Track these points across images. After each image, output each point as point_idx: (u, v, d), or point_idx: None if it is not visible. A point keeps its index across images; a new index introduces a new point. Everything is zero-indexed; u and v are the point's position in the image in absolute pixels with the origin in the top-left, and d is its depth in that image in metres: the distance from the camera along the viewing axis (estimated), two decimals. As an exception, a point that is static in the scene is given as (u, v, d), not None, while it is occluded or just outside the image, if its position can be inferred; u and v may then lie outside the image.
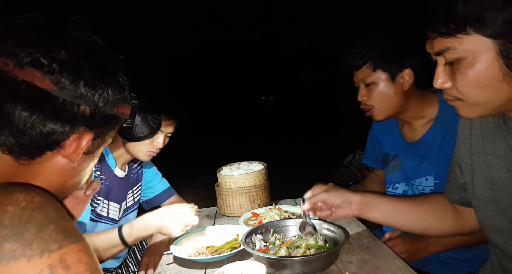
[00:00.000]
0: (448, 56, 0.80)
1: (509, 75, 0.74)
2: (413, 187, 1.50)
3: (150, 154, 1.60)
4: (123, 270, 1.79)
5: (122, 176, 1.63)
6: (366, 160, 1.85)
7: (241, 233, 1.29)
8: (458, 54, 0.78)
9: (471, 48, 0.76)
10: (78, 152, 0.62)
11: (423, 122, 1.47)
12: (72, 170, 0.65)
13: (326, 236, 1.21)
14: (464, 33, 0.75)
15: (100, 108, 0.61)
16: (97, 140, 0.66)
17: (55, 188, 0.64)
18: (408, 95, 1.40)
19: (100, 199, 1.53)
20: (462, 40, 0.76)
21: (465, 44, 0.76)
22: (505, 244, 0.94)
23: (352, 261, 1.15)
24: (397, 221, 1.17)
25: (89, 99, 0.59)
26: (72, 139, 0.60)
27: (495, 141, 0.91)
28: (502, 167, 0.89)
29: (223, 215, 1.77)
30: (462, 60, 0.78)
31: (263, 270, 0.95)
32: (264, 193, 1.76)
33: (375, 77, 1.39)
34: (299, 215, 1.56)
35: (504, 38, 0.72)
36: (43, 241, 0.48)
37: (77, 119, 0.59)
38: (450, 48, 0.78)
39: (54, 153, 0.60)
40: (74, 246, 0.51)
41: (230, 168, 1.90)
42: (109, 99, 0.62)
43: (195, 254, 1.28)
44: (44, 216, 0.50)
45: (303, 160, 7.37)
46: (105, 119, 0.63)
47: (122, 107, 0.66)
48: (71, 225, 0.54)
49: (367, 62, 1.38)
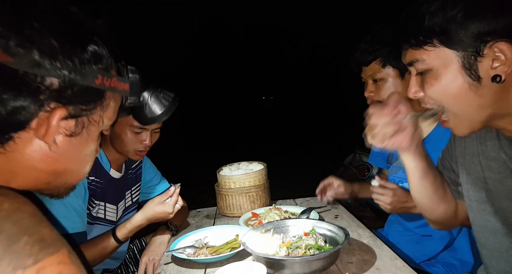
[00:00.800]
0: (418, 67, 0.84)
1: (474, 85, 0.77)
2: None
3: (138, 153, 1.54)
4: (123, 270, 1.79)
5: (118, 176, 1.62)
6: (373, 159, 1.79)
7: (241, 233, 1.29)
8: (426, 66, 0.82)
9: (438, 60, 0.80)
10: (50, 131, 0.54)
11: (428, 122, 1.46)
12: (58, 155, 0.58)
13: (326, 236, 1.21)
14: (431, 45, 0.79)
15: (71, 80, 0.53)
16: (80, 119, 0.58)
17: (45, 179, 0.59)
18: None
19: (97, 203, 1.52)
20: (429, 52, 0.80)
21: (432, 56, 0.80)
22: (499, 244, 0.94)
23: (352, 261, 1.14)
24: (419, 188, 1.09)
25: (49, 68, 0.51)
26: (42, 117, 0.53)
27: (487, 142, 0.93)
28: (493, 168, 0.90)
29: (223, 215, 1.77)
30: (430, 71, 0.82)
31: (263, 271, 0.95)
32: (264, 193, 1.76)
33: (384, 73, 1.39)
34: (299, 215, 1.56)
35: (466, 51, 0.75)
36: (15, 256, 0.42)
37: (42, 93, 0.52)
38: (419, 59, 0.82)
39: (26, 136, 0.54)
40: (52, 258, 0.45)
41: (230, 168, 1.90)
42: (78, 68, 0.54)
43: (195, 254, 1.28)
44: (15, 225, 0.44)
45: (303, 160, 7.37)
46: (83, 93, 0.56)
47: (109, 80, 0.59)
48: (49, 232, 0.47)
49: (376, 58, 1.38)
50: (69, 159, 0.60)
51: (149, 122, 1.42)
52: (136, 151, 1.53)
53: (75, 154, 0.61)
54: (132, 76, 0.66)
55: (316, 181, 1.64)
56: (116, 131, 1.50)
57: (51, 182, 0.60)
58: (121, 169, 1.66)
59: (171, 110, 1.41)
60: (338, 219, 1.56)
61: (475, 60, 0.75)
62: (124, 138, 1.50)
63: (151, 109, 1.37)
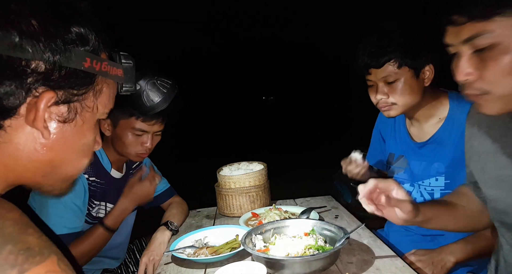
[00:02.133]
0: (480, 42, 0.72)
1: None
2: (420, 187, 1.49)
3: (139, 156, 1.55)
4: (123, 270, 1.79)
5: (119, 176, 1.62)
6: (371, 160, 1.76)
7: (241, 233, 1.29)
8: (493, 39, 0.70)
9: (508, 32, 0.69)
10: (39, 115, 0.53)
11: (433, 123, 1.45)
12: (53, 143, 0.56)
13: (326, 236, 1.21)
14: (502, 14, 0.68)
15: (56, 63, 0.52)
16: (73, 105, 0.57)
17: (42, 171, 0.57)
18: (424, 93, 1.37)
19: (97, 203, 1.52)
20: (499, 23, 0.68)
21: (502, 28, 0.69)
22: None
23: (352, 261, 1.14)
24: (435, 227, 1.12)
25: (31, 51, 0.50)
26: (30, 102, 0.52)
27: (503, 139, 0.91)
28: (510, 165, 0.88)
29: (223, 215, 1.77)
30: (496, 46, 0.71)
31: (263, 271, 0.95)
32: (264, 193, 1.76)
33: (400, 74, 1.32)
34: (299, 215, 1.56)
35: None
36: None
37: (28, 77, 0.51)
38: (485, 32, 0.70)
39: (17, 124, 0.53)
40: (39, 267, 0.43)
41: (230, 168, 1.90)
42: (62, 50, 0.52)
43: (195, 254, 1.28)
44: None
45: (303, 160, 7.36)
46: (72, 77, 0.54)
47: (99, 63, 0.57)
48: (36, 240, 0.45)
49: (391, 60, 1.31)
50: (65, 147, 0.58)
51: (148, 111, 1.39)
52: (137, 153, 1.54)
53: (71, 142, 0.59)
54: (126, 62, 0.65)
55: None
56: (117, 133, 1.51)
57: (47, 174, 0.59)
58: (122, 169, 1.66)
59: (170, 98, 1.38)
60: (338, 219, 1.56)
61: None
62: (125, 140, 1.50)
63: (149, 97, 1.34)
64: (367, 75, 1.41)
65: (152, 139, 1.54)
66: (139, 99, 1.34)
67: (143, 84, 1.33)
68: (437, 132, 1.43)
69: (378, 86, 1.38)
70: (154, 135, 1.56)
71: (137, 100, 1.35)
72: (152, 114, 1.44)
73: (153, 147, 1.58)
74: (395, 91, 1.35)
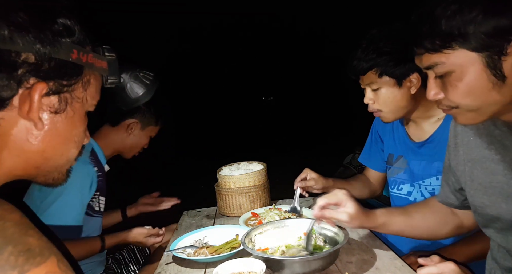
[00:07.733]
0: (437, 71, 0.81)
1: (498, 85, 0.76)
2: (420, 187, 1.49)
3: (135, 155, 1.75)
4: (123, 270, 1.79)
5: (107, 170, 1.71)
6: (368, 160, 1.76)
7: (241, 233, 1.29)
8: (446, 68, 0.79)
9: (459, 62, 0.77)
10: (33, 106, 0.54)
11: (431, 122, 1.45)
12: (45, 134, 0.57)
13: (326, 236, 1.21)
14: (450, 48, 0.76)
15: (46, 54, 0.53)
16: (63, 95, 0.58)
17: (35, 162, 0.58)
18: (416, 97, 1.38)
19: (97, 195, 1.56)
20: (448, 55, 0.77)
21: (452, 59, 0.77)
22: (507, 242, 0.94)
23: (352, 261, 1.15)
24: (390, 232, 1.22)
25: (21, 42, 0.51)
26: (22, 93, 0.53)
27: (490, 146, 0.93)
28: (499, 171, 0.90)
29: (223, 215, 1.77)
30: (451, 73, 0.79)
31: (261, 266, 0.96)
32: (264, 193, 1.77)
33: (381, 82, 1.35)
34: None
35: (488, 51, 0.74)
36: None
37: (19, 68, 0.52)
38: (438, 63, 0.79)
39: (10, 115, 0.53)
40: (39, 268, 0.43)
41: (230, 168, 1.90)
42: (51, 41, 0.53)
43: (195, 254, 1.28)
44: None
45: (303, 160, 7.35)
46: (62, 68, 0.56)
47: (85, 55, 0.59)
48: (36, 241, 0.45)
49: (373, 68, 1.33)
50: (57, 138, 0.59)
51: (132, 104, 1.40)
52: (136, 153, 1.75)
53: (62, 132, 0.60)
54: (109, 55, 0.66)
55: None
56: (141, 135, 1.69)
57: (40, 165, 0.59)
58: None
59: (153, 90, 1.40)
60: (337, 219, 1.56)
61: (499, 59, 0.73)
62: (143, 142, 1.71)
63: (133, 90, 1.36)
64: (359, 80, 1.44)
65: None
66: (122, 92, 1.36)
67: (125, 77, 1.35)
68: (436, 131, 1.43)
69: (366, 91, 1.43)
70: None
71: (121, 93, 1.37)
72: (164, 118, 1.68)
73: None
74: (379, 98, 1.39)
